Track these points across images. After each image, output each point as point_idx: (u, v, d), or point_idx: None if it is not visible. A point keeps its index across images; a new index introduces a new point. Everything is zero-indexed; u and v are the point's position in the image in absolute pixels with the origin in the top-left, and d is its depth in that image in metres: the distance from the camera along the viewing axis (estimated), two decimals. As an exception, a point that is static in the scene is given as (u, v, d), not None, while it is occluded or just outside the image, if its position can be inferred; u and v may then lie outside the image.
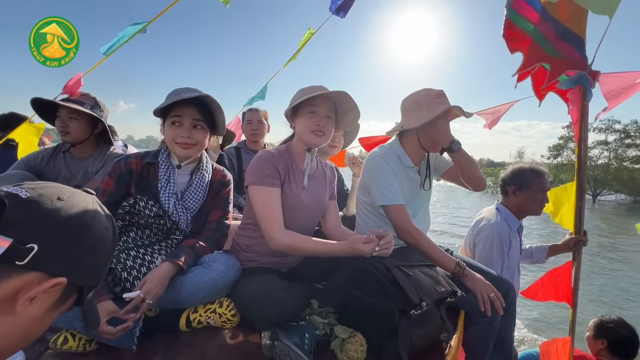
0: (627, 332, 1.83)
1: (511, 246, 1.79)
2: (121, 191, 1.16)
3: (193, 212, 1.25)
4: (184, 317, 1.13)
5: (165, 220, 1.17)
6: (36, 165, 1.71)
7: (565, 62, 1.64)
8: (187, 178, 1.26)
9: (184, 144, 1.16)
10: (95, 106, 1.68)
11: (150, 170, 1.21)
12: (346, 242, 1.08)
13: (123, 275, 1.04)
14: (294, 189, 1.24)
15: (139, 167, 1.19)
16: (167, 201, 1.18)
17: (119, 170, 1.16)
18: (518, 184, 1.83)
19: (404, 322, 0.99)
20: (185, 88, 1.21)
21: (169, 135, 1.16)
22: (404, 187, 1.51)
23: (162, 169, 1.19)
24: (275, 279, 1.17)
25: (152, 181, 1.20)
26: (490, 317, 1.25)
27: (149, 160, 1.20)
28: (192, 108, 1.16)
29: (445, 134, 1.41)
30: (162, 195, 1.18)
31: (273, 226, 1.14)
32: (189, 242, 1.19)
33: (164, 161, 1.21)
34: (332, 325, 1.06)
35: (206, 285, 1.10)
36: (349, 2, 2.02)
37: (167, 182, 1.19)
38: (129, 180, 1.17)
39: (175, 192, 1.20)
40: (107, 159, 1.74)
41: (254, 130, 2.31)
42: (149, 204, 1.15)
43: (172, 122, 1.16)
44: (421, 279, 1.09)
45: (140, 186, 1.18)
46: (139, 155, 1.21)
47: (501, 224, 1.81)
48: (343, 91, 1.19)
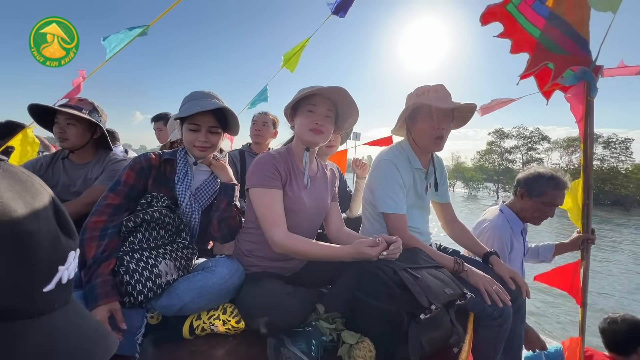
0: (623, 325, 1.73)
1: (513, 248, 1.75)
2: (139, 185, 1.20)
3: (204, 207, 1.30)
4: (187, 324, 1.10)
5: (175, 216, 1.19)
6: (34, 172, 1.68)
7: (570, 58, 1.64)
8: (204, 176, 1.35)
9: (201, 147, 1.24)
10: (93, 111, 1.66)
11: (167, 167, 1.27)
12: (351, 245, 1.06)
13: (125, 279, 1.02)
14: (295, 190, 1.22)
15: (157, 163, 1.25)
16: (183, 193, 1.24)
17: (139, 165, 1.21)
18: (529, 189, 1.77)
19: (413, 326, 0.96)
20: (201, 92, 1.27)
21: (188, 139, 1.24)
22: (411, 190, 1.50)
23: (180, 165, 1.27)
24: (280, 283, 1.14)
25: (169, 176, 1.25)
26: (500, 320, 1.23)
27: (168, 157, 1.27)
28: (209, 116, 1.23)
29: (423, 134, 1.41)
30: (178, 187, 1.23)
31: (276, 229, 1.12)
32: None
33: (182, 158, 1.29)
34: (339, 331, 1.03)
35: (210, 291, 1.07)
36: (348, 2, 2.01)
37: (185, 176, 1.26)
38: (148, 174, 1.22)
39: (190, 186, 1.27)
40: (106, 164, 1.72)
41: (256, 130, 2.31)
42: (163, 198, 1.19)
43: (190, 128, 1.23)
44: (429, 281, 1.06)
45: (157, 181, 1.23)
46: (157, 153, 1.28)
47: (503, 226, 1.77)
48: (340, 87, 1.15)
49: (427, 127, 1.41)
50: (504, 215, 1.83)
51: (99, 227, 1.07)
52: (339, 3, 2.02)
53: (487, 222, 1.83)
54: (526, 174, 1.82)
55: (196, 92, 1.27)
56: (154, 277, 1.04)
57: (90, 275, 0.99)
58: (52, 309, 0.36)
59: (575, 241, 1.79)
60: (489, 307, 1.23)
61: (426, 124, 1.41)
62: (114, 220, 1.10)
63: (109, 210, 1.11)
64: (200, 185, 1.32)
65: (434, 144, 1.43)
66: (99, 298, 0.95)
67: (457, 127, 1.56)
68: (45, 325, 0.34)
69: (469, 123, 1.58)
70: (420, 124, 1.43)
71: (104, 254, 1.03)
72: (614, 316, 1.76)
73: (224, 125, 1.29)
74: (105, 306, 0.94)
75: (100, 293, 0.96)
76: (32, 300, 0.33)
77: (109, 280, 1.00)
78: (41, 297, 0.34)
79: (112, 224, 1.09)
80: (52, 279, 0.35)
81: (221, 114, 1.26)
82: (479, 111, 2.18)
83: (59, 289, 0.35)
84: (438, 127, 1.40)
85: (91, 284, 0.97)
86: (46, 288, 0.34)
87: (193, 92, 1.28)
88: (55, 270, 0.35)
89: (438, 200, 1.71)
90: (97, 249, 1.03)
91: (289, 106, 1.23)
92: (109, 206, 1.11)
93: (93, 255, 1.02)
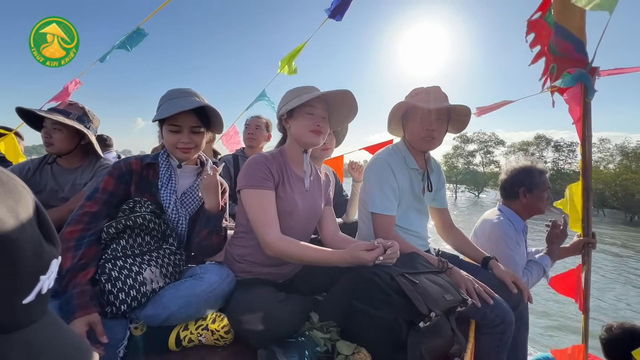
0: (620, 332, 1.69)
1: (519, 248, 1.73)
2: (120, 191, 1.13)
3: (192, 213, 1.24)
4: (174, 335, 1.04)
5: (161, 222, 1.14)
6: (21, 176, 1.64)
7: (568, 60, 1.67)
8: (191, 179, 1.28)
9: (184, 148, 1.19)
10: (83, 116, 1.62)
11: (149, 171, 1.20)
12: (347, 250, 1.02)
13: (107, 287, 0.96)
14: (288, 192, 1.19)
15: (138, 167, 1.18)
16: (167, 198, 1.18)
17: (119, 170, 1.14)
18: (528, 184, 1.79)
19: (412, 334, 0.91)
20: (179, 90, 1.20)
21: (170, 141, 1.18)
22: (408, 191, 1.48)
23: (163, 168, 1.21)
24: (272, 291, 1.09)
25: (152, 181, 1.19)
26: (502, 327, 1.19)
27: (149, 161, 1.20)
28: (190, 115, 1.17)
29: (414, 134, 1.43)
30: (162, 192, 1.18)
31: (269, 231, 1.08)
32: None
33: (164, 161, 1.22)
34: (334, 341, 0.98)
35: (197, 299, 1.02)
36: (344, 5, 2.01)
37: (169, 180, 1.20)
38: (129, 180, 1.15)
39: (175, 191, 1.21)
40: (97, 169, 1.68)
41: (249, 134, 2.32)
42: (146, 204, 1.14)
43: (171, 129, 1.17)
44: (428, 287, 1.02)
45: (139, 186, 1.17)
46: (138, 157, 1.22)
47: (504, 223, 1.76)
48: (346, 90, 1.17)
49: (417, 127, 1.42)
50: (504, 214, 1.82)
51: (75, 238, 1.00)
52: (335, 6, 2.02)
53: (491, 221, 1.81)
54: (517, 173, 1.83)
55: (173, 91, 1.20)
56: (138, 285, 0.99)
57: (66, 285, 0.93)
58: (30, 322, 0.32)
59: (576, 245, 1.78)
60: (490, 313, 1.19)
61: (416, 125, 1.43)
62: (90, 228, 1.04)
63: (86, 219, 1.04)
64: (187, 189, 1.25)
65: (424, 142, 1.44)
66: (76, 309, 0.88)
67: (457, 131, 1.57)
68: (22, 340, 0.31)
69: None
70: (411, 124, 1.45)
71: (80, 262, 0.97)
72: (611, 324, 1.73)
73: (207, 124, 1.23)
74: (82, 319, 0.88)
75: (77, 304, 0.89)
76: (10, 313, 0.30)
77: (87, 290, 0.94)
78: (20, 309, 0.31)
79: (89, 232, 1.03)
80: (32, 290, 0.32)
81: (203, 113, 1.20)
82: (475, 112, 2.18)
83: (38, 299, 0.32)
84: (427, 128, 1.41)
85: (67, 295, 0.91)
86: (26, 300, 0.31)
87: (170, 90, 1.21)
88: (37, 280, 0.32)
89: (435, 206, 1.70)
90: (72, 259, 0.97)
91: (287, 108, 1.18)
92: (86, 214, 1.05)
93: (69, 265, 0.96)
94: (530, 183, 1.78)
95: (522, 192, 1.80)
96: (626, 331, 1.63)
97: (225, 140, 3.82)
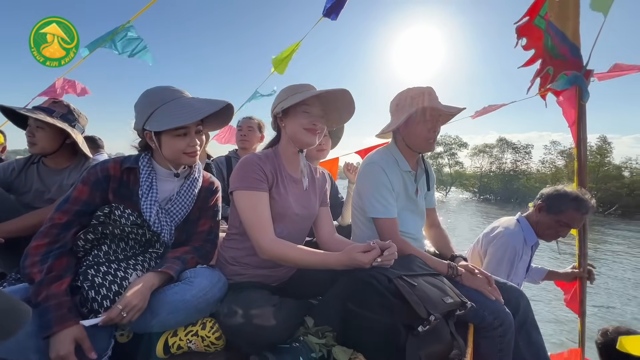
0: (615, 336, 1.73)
1: (521, 260, 1.71)
2: (96, 199, 1.03)
3: (178, 222, 1.14)
4: (162, 342, 0.99)
5: (144, 231, 1.06)
6: (5, 177, 1.58)
7: (565, 63, 1.69)
8: (178, 183, 1.16)
9: (193, 152, 1.10)
10: (68, 114, 1.56)
11: (130, 176, 1.09)
12: (343, 252, 0.99)
13: (90, 295, 0.90)
14: (282, 193, 1.16)
15: (117, 172, 1.07)
16: (148, 209, 1.07)
17: (94, 176, 1.04)
18: (549, 204, 1.71)
19: (411, 339, 0.88)
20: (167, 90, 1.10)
21: (177, 147, 1.07)
22: (402, 193, 1.46)
23: (144, 175, 1.09)
24: (265, 294, 1.06)
25: (133, 188, 1.08)
26: (501, 330, 1.17)
27: (129, 165, 1.09)
28: None
29: (418, 137, 1.42)
30: (143, 203, 1.07)
31: (262, 233, 1.05)
32: (174, 252, 1.08)
33: (145, 166, 1.10)
34: (329, 346, 0.95)
35: (187, 305, 0.97)
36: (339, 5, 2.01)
37: (150, 189, 1.08)
38: (105, 187, 1.05)
39: (157, 200, 1.10)
40: (85, 170, 1.62)
41: (242, 136, 2.30)
42: (126, 213, 1.04)
43: (178, 134, 1.06)
44: (427, 290, 0.99)
45: (118, 194, 1.06)
46: (117, 160, 1.10)
47: (517, 235, 1.73)
48: (344, 89, 1.15)
49: (422, 129, 1.40)
50: (521, 225, 1.78)
51: (40, 252, 0.92)
52: (331, 5, 2.02)
53: (502, 228, 1.79)
54: (552, 189, 1.75)
55: (160, 93, 1.07)
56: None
57: (39, 298, 0.85)
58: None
59: (569, 275, 1.84)
60: (489, 316, 1.17)
61: (421, 127, 1.40)
62: (58, 240, 0.95)
63: (54, 231, 0.96)
64: (172, 196, 1.14)
65: (428, 145, 1.43)
66: (54, 324, 0.82)
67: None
68: None
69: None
70: (415, 126, 1.41)
71: (51, 274, 0.89)
72: (607, 328, 1.73)
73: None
74: (65, 333, 0.82)
75: (55, 317, 0.83)
76: None
77: (65, 301, 0.87)
78: None
79: (57, 245, 0.95)
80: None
81: None
82: (472, 115, 2.19)
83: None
84: (433, 130, 1.41)
85: (43, 307, 0.84)
86: None
87: (152, 93, 1.08)
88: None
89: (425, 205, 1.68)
90: (40, 273, 0.89)
91: (283, 107, 1.14)
92: (54, 227, 0.96)
93: (39, 279, 0.88)
94: (552, 205, 1.69)
95: (539, 207, 1.74)
96: (622, 335, 1.63)
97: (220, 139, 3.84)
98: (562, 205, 1.67)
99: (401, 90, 1.48)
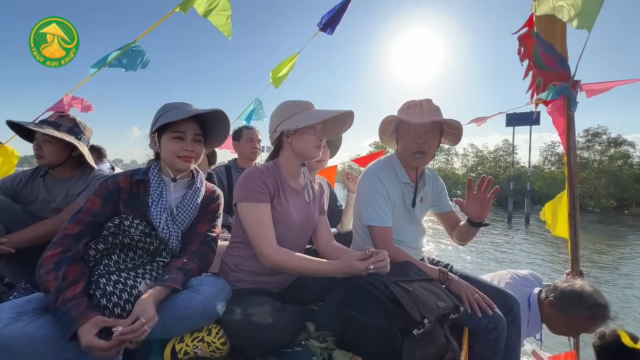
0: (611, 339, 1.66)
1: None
2: (107, 211, 1.10)
3: (184, 229, 1.21)
4: (169, 348, 1.03)
5: (152, 239, 1.11)
6: (12, 187, 1.62)
7: (553, 74, 1.75)
8: (181, 193, 1.24)
9: (186, 157, 1.17)
10: (74, 128, 1.62)
11: (139, 187, 1.17)
12: (341, 260, 1.03)
13: (102, 303, 0.95)
14: (283, 204, 1.21)
15: (127, 185, 1.15)
16: (158, 217, 1.14)
17: (105, 189, 1.11)
18: (562, 305, 1.52)
19: (407, 343, 0.93)
20: (179, 102, 1.21)
21: (172, 149, 1.16)
22: (399, 203, 1.49)
23: (154, 185, 1.17)
24: (268, 300, 1.10)
25: (142, 199, 1.16)
26: (496, 333, 1.20)
27: (139, 177, 1.17)
28: (194, 123, 1.19)
29: (405, 149, 1.44)
30: (152, 210, 1.14)
31: (265, 243, 1.09)
32: (176, 263, 1.12)
33: (155, 177, 1.18)
34: (330, 350, 0.99)
35: (194, 312, 1.01)
36: (335, 20, 2.07)
37: (160, 197, 1.16)
38: (116, 199, 1.12)
39: (167, 207, 1.17)
40: (91, 180, 1.67)
41: (254, 148, 2.31)
42: (135, 222, 1.10)
43: (174, 136, 1.16)
44: (421, 294, 1.04)
45: (129, 205, 1.13)
46: (127, 173, 1.18)
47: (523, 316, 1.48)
48: (350, 111, 1.25)
49: (408, 142, 1.42)
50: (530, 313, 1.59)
51: (54, 261, 0.98)
52: (327, 20, 2.08)
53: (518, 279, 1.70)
54: (570, 287, 1.53)
55: (172, 103, 1.19)
56: (134, 299, 0.97)
57: (58, 303, 0.90)
58: None
59: None
60: (484, 320, 1.20)
61: (407, 139, 1.42)
62: (71, 249, 1.01)
63: (66, 241, 1.01)
64: (178, 203, 1.21)
65: (414, 159, 1.42)
66: (77, 319, 0.86)
67: (452, 144, 1.57)
68: None
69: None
70: (402, 139, 1.44)
71: (66, 280, 0.94)
72: (604, 331, 1.75)
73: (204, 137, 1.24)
74: (87, 324, 0.86)
75: (77, 314, 0.87)
76: None
77: (82, 301, 0.92)
78: None
79: (69, 253, 1.00)
80: None
81: (202, 125, 1.22)
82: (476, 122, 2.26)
83: None
84: (418, 142, 1.39)
85: (61, 310, 0.89)
86: None
87: (167, 103, 1.20)
88: None
89: (438, 211, 1.68)
90: (56, 280, 0.94)
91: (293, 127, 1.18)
92: (67, 237, 1.02)
93: (55, 286, 0.93)
94: (565, 306, 1.51)
95: (550, 303, 1.55)
96: (618, 338, 1.64)
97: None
98: (576, 310, 1.49)
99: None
